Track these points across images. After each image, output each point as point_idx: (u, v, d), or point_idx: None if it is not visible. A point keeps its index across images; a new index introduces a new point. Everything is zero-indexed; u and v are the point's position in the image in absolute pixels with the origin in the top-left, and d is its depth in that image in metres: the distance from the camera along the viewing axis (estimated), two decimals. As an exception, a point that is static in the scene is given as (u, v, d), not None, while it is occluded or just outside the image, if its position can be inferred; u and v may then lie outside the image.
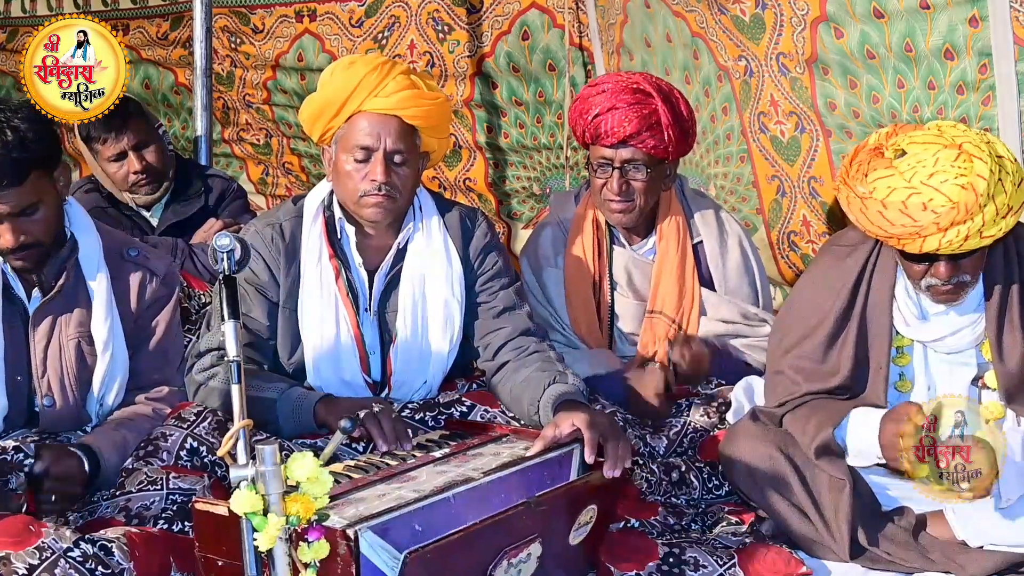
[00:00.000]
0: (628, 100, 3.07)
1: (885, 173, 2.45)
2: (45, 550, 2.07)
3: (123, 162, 3.73)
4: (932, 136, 2.46)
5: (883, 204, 2.42)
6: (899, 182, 2.42)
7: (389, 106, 2.74)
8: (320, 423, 2.64)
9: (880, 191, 2.44)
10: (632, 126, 3.05)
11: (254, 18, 4.88)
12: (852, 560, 2.49)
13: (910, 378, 2.66)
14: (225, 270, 2.08)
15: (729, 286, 3.27)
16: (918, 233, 2.40)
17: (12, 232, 2.40)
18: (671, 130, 3.07)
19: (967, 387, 2.62)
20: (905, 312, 2.63)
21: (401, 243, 2.87)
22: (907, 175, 2.41)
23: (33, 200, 2.41)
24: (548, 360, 2.79)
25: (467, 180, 4.85)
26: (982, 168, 2.36)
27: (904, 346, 2.66)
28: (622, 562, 2.35)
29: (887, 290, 2.64)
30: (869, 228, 2.49)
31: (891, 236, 2.45)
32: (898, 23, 3.05)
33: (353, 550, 1.89)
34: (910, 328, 2.63)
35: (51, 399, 2.55)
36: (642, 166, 3.11)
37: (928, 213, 2.37)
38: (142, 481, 2.38)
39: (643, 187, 3.13)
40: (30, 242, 2.44)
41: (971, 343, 2.61)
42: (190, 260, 3.67)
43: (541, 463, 2.35)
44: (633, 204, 3.15)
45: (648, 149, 3.08)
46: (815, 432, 2.55)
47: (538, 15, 4.32)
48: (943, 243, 2.39)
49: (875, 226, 2.46)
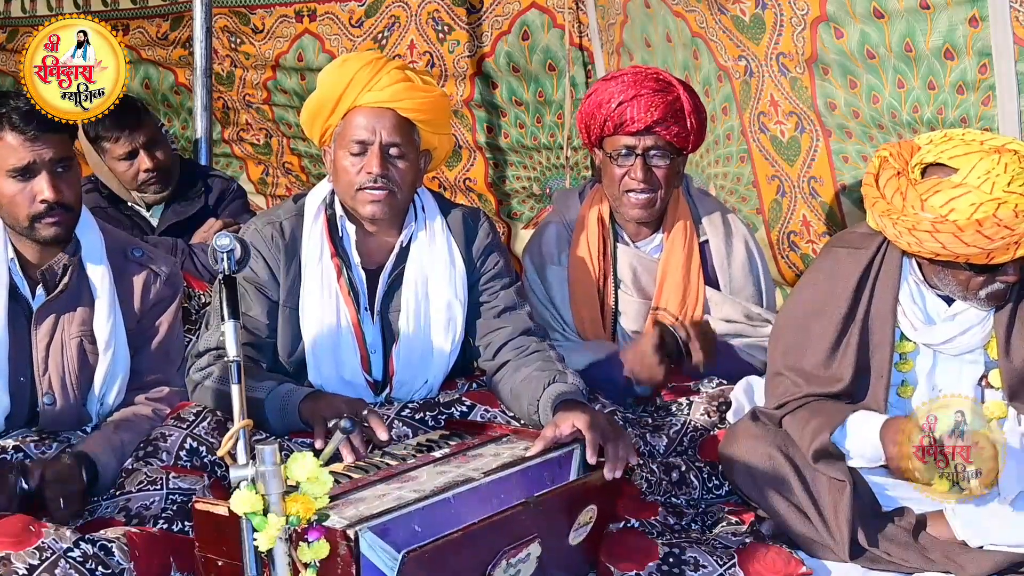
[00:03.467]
0: (652, 87, 3.09)
1: (957, 193, 2.39)
2: (45, 550, 2.07)
3: (133, 161, 3.74)
4: (965, 146, 2.45)
5: (977, 223, 2.35)
6: (981, 197, 2.36)
7: (383, 99, 2.75)
8: (304, 421, 2.63)
9: (962, 211, 2.37)
10: (659, 112, 3.06)
11: (254, 18, 4.88)
12: (852, 560, 2.49)
13: (912, 383, 2.66)
14: (225, 270, 2.09)
15: (734, 286, 3.28)
16: (1016, 242, 2.37)
17: (51, 186, 2.44)
18: (693, 118, 3.10)
19: (973, 387, 2.62)
20: (911, 317, 2.62)
21: (403, 242, 2.87)
22: (985, 188, 2.36)
23: (70, 154, 2.48)
24: (548, 359, 2.79)
25: (467, 180, 4.84)
26: None
27: (908, 352, 2.65)
28: (622, 562, 2.35)
29: (891, 297, 2.63)
30: (959, 251, 2.40)
31: (984, 252, 2.39)
32: (898, 23, 3.05)
33: (353, 550, 1.89)
34: (917, 332, 2.62)
35: (52, 397, 2.55)
36: (665, 154, 3.12)
37: (1021, 219, 2.35)
38: (142, 481, 2.38)
39: (665, 175, 3.14)
40: (65, 201, 2.47)
41: (980, 342, 2.61)
42: (190, 260, 3.67)
43: (541, 463, 2.35)
44: (655, 196, 3.15)
45: (671, 137, 3.10)
46: (812, 436, 2.55)
47: (538, 15, 4.32)
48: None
49: (970, 247, 2.38)
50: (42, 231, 2.49)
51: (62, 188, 2.47)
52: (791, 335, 2.74)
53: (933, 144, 2.51)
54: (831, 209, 3.65)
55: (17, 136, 2.42)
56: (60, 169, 2.47)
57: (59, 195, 2.45)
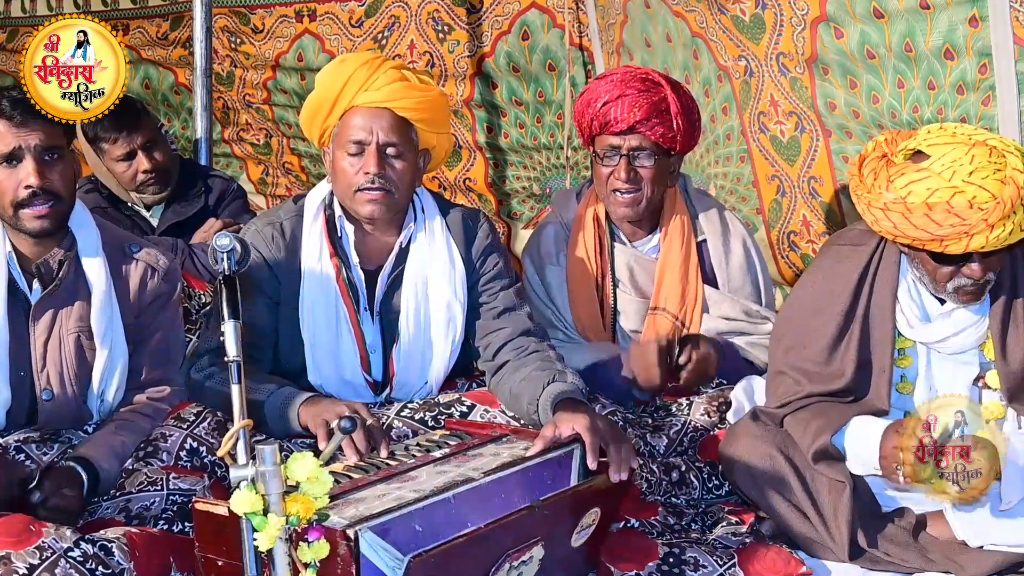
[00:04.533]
0: (638, 88, 3.08)
1: (918, 176, 2.42)
2: (45, 550, 2.07)
3: (131, 162, 3.74)
4: (948, 137, 2.45)
5: (927, 206, 2.38)
6: (939, 183, 2.38)
7: (380, 99, 2.75)
8: (304, 425, 2.61)
9: (919, 194, 2.40)
10: (641, 112, 3.06)
11: (254, 18, 4.88)
12: (852, 561, 2.49)
13: (912, 380, 2.66)
14: (225, 270, 2.08)
15: (732, 285, 3.27)
16: (967, 232, 2.37)
17: (36, 172, 2.43)
18: (680, 119, 3.08)
19: (968, 387, 2.62)
20: (908, 314, 2.63)
21: (403, 243, 2.87)
22: (945, 175, 2.38)
23: (58, 143, 2.47)
24: (547, 359, 2.79)
25: (467, 180, 4.84)
26: (1016, 162, 2.37)
27: (906, 348, 2.65)
28: (622, 562, 2.35)
29: (890, 293, 2.63)
30: (909, 233, 2.43)
31: (935, 239, 2.41)
32: (898, 23, 3.05)
33: (353, 550, 1.89)
34: (913, 330, 2.62)
35: (50, 393, 2.55)
36: (650, 154, 3.11)
37: (975, 211, 2.35)
38: (142, 481, 2.38)
39: (650, 176, 3.13)
40: (51, 188, 2.46)
41: (975, 343, 2.61)
42: (190, 260, 3.67)
43: (541, 463, 2.35)
44: (640, 195, 3.14)
45: (656, 137, 3.09)
46: (813, 438, 2.54)
47: (538, 15, 4.31)
48: (991, 239, 2.37)
49: (918, 230, 2.41)
50: (27, 222, 2.47)
51: (48, 175, 2.45)
52: (792, 334, 2.73)
53: (928, 133, 2.51)
54: (831, 209, 3.65)
55: (3, 122, 2.42)
56: (47, 157, 2.46)
57: (44, 181, 2.44)
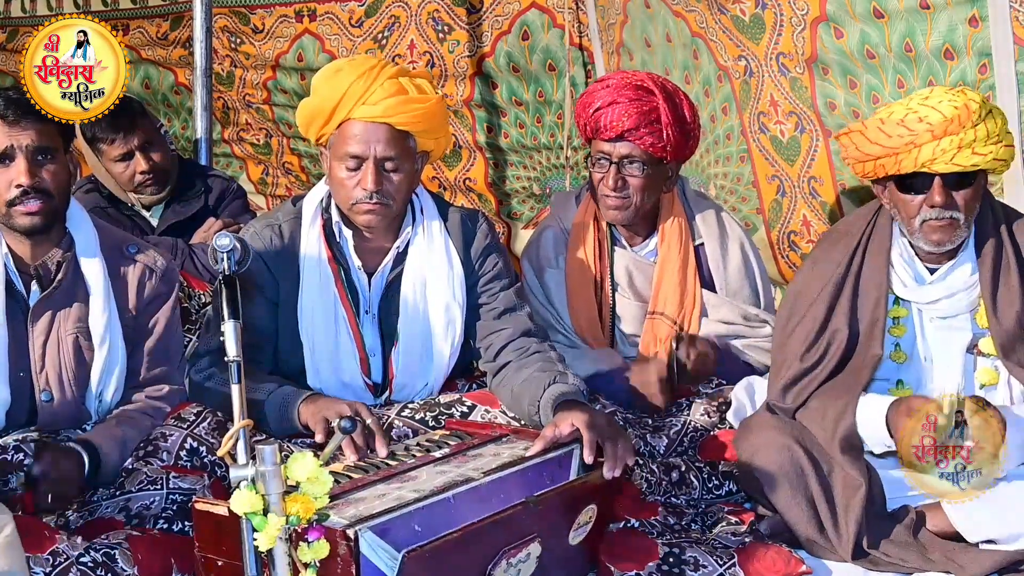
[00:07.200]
0: (629, 96, 3.07)
1: (890, 107, 2.65)
2: (59, 555, 2.11)
3: (129, 162, 3.73)
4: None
5: (881, 121, 2.59)
6: (899, 106, 2.61)
7: (377, 114, 2.71)
8: (304, 423, 2.62)
9: (881, 113, 2.64)
10: (630, 121, 3.05)
11: (254, 18, 4.87)
12: (853, 561, 2.49)
13: (906, 350, 2.70)
14: (225, 270, 2.09)
15: (730, 288, 3.27)
16: (913, 142, 2.52)
17: (27, 172, 2.44)
18: (671, 129, 3.07)
19: (962, 354, 2.67)
20: (902, 275, 2.69)
21: (400, 246, 2.87)
22: (906, 102, 2.62)
23: (52, 144, 2.47)
24: (549, 360, 2.79)
25: (467, 180, 4.84)
26: (975, 96, 2.55)
27: (901, 317, 2.70)
28: (622, 562, 2.35)
29: (883, 253, 2.71)
30: (865, 148, 2.62)
31: (888, 153, 2.56)
32: (898, 23, 3.05)
33: (353, 550, 1.89)
34: (907, 289, 2.68)
35: (49, 394, 2.55)
36: (639, 163, 3.10)
37: (924, 124, 2.51)
38: (142, 481, 2.39)
39: (639, 184, 3.12)
40: (42, 187, 2.46)
41: (967, 307, 2.67)
42: (190, 260, 3.67)
43: (541, 463, 2.35)
44: (628, 201, 3.14)
45: (646, 146, 3.08)
46: (834, 426, 2.57)
47: (538, 15, 4.31)
48: (937, 151, 2.50)
49: (872, 144, 2.60)
50: (17, 219, 2.48)
51: (39, 175, 2.45)
52: (795, 310, 2.78)
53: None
54: (831, 209, 3.65)
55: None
56: (40, 157, 2.46)
57: (34, 180, 2.44)
